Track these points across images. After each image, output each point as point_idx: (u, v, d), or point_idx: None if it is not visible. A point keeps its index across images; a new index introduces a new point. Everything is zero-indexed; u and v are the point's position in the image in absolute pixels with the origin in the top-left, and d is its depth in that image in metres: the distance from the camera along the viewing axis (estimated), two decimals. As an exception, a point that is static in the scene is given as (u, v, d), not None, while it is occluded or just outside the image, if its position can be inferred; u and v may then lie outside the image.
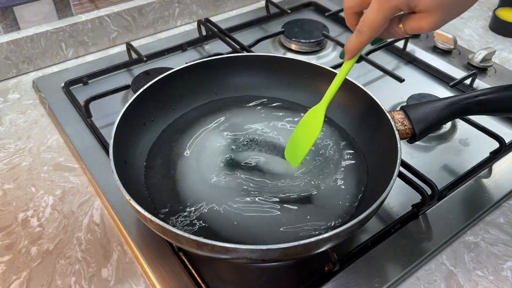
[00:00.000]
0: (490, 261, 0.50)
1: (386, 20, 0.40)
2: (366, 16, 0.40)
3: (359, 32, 0.42)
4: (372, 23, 0.40)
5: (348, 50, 0.44)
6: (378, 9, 0.39)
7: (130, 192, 0.43)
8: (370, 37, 0.42)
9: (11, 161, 0.62)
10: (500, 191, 0.57)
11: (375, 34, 0.41)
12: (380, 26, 0.40)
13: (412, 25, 0.41)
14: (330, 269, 0.46)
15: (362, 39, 0.42)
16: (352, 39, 0.43)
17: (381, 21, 0.40)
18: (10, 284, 0.47)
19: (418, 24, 0.40)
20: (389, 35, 0.43)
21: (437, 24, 0.40)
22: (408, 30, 0.41)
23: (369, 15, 0.40)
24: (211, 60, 0.61)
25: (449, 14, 0.39)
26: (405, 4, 0.38)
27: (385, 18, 0.40)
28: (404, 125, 0.51)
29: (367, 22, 0.40)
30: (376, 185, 0.50)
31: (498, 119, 0.68)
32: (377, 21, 0.40)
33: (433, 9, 0.38)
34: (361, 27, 0.41)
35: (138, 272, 0.49)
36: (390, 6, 0.38)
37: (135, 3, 0.85)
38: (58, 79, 0.74)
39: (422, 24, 0.40)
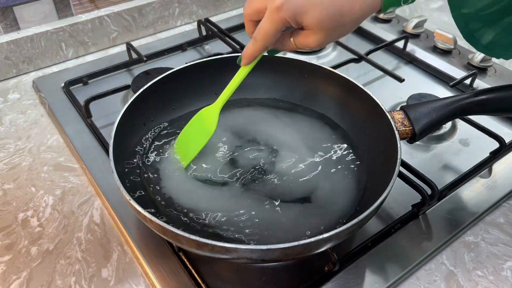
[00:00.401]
0: (490, 261, 0.50)
1: (277, 30, 0.42)
2: (260, 25, 0.43)
3: (254, 40, 0.44)
4: (265, 32, 0.42)
5: (245, 56, 0.46)
6: (270, 20, 0.41)
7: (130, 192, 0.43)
8: (264, 45, 0.44)
9: (11, 161, 0.62)
10: (500, 191, 0.57)
11: (268, 43, 0.43)
12: (272, 36, 0.42)
13: (300, 40, 0.43)
14: (330, 269, 0.46)
15: (256, 47, 0.44)
16: (248, 46, 0.45)
17: (272, 31, 0.42)
18: (10, 284, 0.47)
19: (305, 40, 0.43)
20: (282, 47, 0.45)
21: (321, 42, 0.42)
22: (297, 44, 0.44)
23: (263, 25, 0.42)
24: (211, 60, 0.61)
25: (331, 34, 0.42)
26: (293, 18, 0.40)
27: (276, 29, 0.42)
28: (404, 125, 0.51)
29: (261, 31, 0.43)
30: (376, 185, 0.50)
31: (498, 119, 0.68)
32: (269, 31, 0.42)
33: (316, 28, 0.41)
34: (256, 35, 0.43)
35: (138, 272, 0.49)
36: (280, 18, 0.40)
37: (135, 3, 0.85)
38: (58, 79, 0.74)
39: (308, 40, 0.42)
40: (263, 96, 0.64)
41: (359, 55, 0.76)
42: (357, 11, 0.41)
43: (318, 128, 0.59)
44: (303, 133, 0.58)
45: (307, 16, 0.40)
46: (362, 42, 0.87)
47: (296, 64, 0.62)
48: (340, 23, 0.41)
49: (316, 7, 0.40)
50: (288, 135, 0.58)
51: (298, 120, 0.60)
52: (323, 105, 0.62)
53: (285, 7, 0.40)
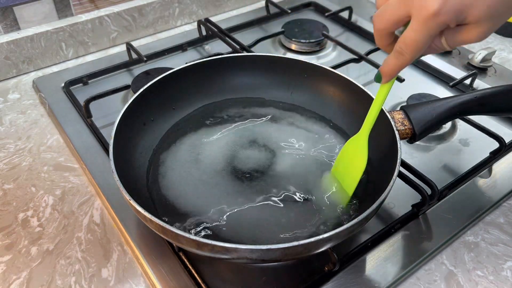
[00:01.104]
0: (490, 261, 0.50)
1: (431, 38, 0.36)
2: (408, 36, 0.36)
3: (400, 54, 0.38)
4: (415, 43, 0.36)
5: (386, 73, 0.41)
6: (422, 29, 0.35)
7: (130, 192, 0.43)
8: (412, 58, 0.38)
9: (11, 161, 0.62)
10: (500, 191, 0.57)
11: (418, 54, 0.38)
12: (424, 46, 0.37)
13: (458, 38, 0.37)
14: (330, 269, 0.46)
15: (403, 61, 0.38)
16: (390, 61, 0.39)
17: (425, 40, 0.36)
18: (10, 284, 0.47)
19: (465, 36, 0.37)
20: (428, 51, 0.40)
21: (486, 35, 0.37)
22: (452, 44, 0.38)
23: (411, 35, 0.36)
24: (211, 60, 0.61)
25: (498, 22, 0.37)
26: (455, 19, 0.35)
27: (431, 36, 0.36)
28: (404, 125, 0.51)
29: (409, 42, 0.37)
30: (376, 185, 0.50)
31: (498, 119, 0.68)
32: (421, 41, 0.36)
33: (483, 20, 0.35)
34: (402, 49, 0.37)
35: (138, 272, 0.49)
36: (437, 23, 0.35)
37: (135, 3, 0.85)
38: (58, 79, 0.74)
39: (470, 36, 0.37)
40: (262, 95, 0.64)
41: (359, 55, 0.76)
42: None
43: (318, 128, 0.59)
44: (303, 133, 0.58)
45: (474, 10, 0.34)
46: (362, 42, 0.87)
47: (296, 64, 0.62)
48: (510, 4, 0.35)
49: None
50: (288, 135, 0.58)
51: (298, 120, 0.60)
52: (323, 106, 0.62)
53: (445, 9, 0.34)
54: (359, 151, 0.48)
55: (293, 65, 0.62)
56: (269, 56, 0.62)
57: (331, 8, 0.94)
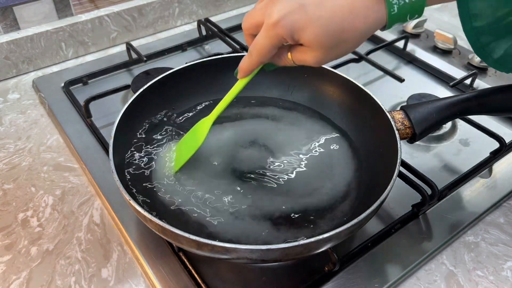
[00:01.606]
0: (490, 261, 0.50)
1: (273, 46, 0.40)
2: (256, 40, 0.41)
3: (250, 54, 0.42)
4: (260, 47, 0.41)
5: (241, 70, 0.45)
6: (265, 35, 0.39)
7: (130, 192, 0.43)
8: (259, 60, 0.42)
9: (11, 161, 0.62)
10: (500, 191, 0.57)
11: (264, 58, 0.42)
12: (268, 52, 0.41)
13: (297, 57, 0.41)
14: (330, 269, 0.46)
15: (252, 62, 0.43)
16: (244, 59, 0.44)
17: (268, 47, 0.40)
18: (10, 284, 0.47)
19: (303, 57, 0.41)
20: (279, 62, 0.43)
21: (319, 60, 0.40)
22: (295, 61, 0.42)
23: (258, 39, 0.40)
24: (211, 60, 0.61)
25: (331, 52, 0.39)
26: (289, 35, 0.38)
27: (272, 45, 0.40)
28: (404, 125, 0.51)
29: (256, 45, 0.41)
30: (376, 185, 0.50)
31: (498, 119, 0.68)
32: (265, 46, 0.40)
33: (314, 46, 0.39)
34: (251, 50, 0.42)
35: (138, 272, 0.49)
36: (276, 34, 0.39)
37: (135, 3, 0.85)
38: (58, 79, 0.74)
39: (306, 57, 0.40)
40: (262, 95, 0.64)
41: (359, 55, 0.76)
42: (360, 28, 0.38)
43: (318, 128, 0.59)
44: (303, 133, 0.58)
45: (305, 33, 0.38)
46: (362, 42, 0.87)
47: (296, 64, 0.62)
48: (340, 40, 0.38)
49: (314, 23, 0.37)
50: (288, 135, 0.58)
51: (298, 120, 0.60)
52: (323, 105, 0.62)
53: (282, 23, 0.38)
54: (200, 132, 0.51)
55: (293, 65, 0.62)
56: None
57: (331, 8, 0.93)
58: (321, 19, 0.37)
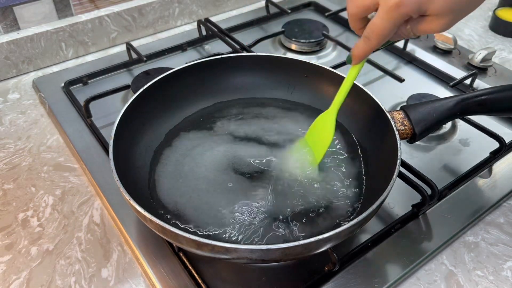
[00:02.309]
0: (490, 261, 0.50)
1: (395, 26, 0.39)
2: (374, 23, 0.39)
3: (367, 39, 0.41)
4: (380, 30, 0.39)
5: (356, 56, 0.43)
6: (387, 17, 0.38)
7: (130, 192, 0.43)
8: (379, 43, 0.41)
9: (11, 161, 0.62)
10: (500, 191, 0.57)
11: (384, 40, 0.41)
12: (389, 33, 0.40)
13: (421, 28, 0.40)
14: (330, 269, 0.46)
15: (370, 46, 0.41)
16: (359, 45, 0.42)
17: (390, 28, 0.39)
18: (10, 284, 0.47)
19: (428, 27, 0.40)
20: (396, 37, 0.42)
21: (447, 26, 0.39)
22: (417, 32, 0.41)
23: (378, 22, 0.39)
24: (211, 60, 0.61)
25: (459, 15, 0.39)
26: (416, 10, 0.38)
27: (395, 25, 0.39)
28: (404, 125, 0.51)
29: (375, 29, 0.39)
30: (376, 185, 0.50)
31: (498, 119, 0.68)
32: (386, 28, 0.39)
33: (444, 12, 0.38)
34: (369, 34, 0.40)
35: (138, 272, 0.49)
36: (400, 13, 0.38)
37: (135, 3, 0.85)
38: (58, 79, 0.74)
39: (432, 26, 0.40)
40: (262, 96, 0.64)
41: (359, 55, 0.76)
42: None
43: (318, 128, 0.59)
44: (302, 133, 0.58)
45: (434, 3, 0.37)
46: (362, 42, 0.87)
47: (296, 64, 0.62)
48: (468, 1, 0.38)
49: None
50: (288, 135, 0.58)
51: (298, 120, 0.60)
52: (323, 105, 0.61)
53: (407, 1, 0.37)
54: (328, 126, 0.51)
55: (293, 65, 0.62)
56: (269, 56, 0.62)
57: (331, 8, 0.94)
58: None
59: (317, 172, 0.52)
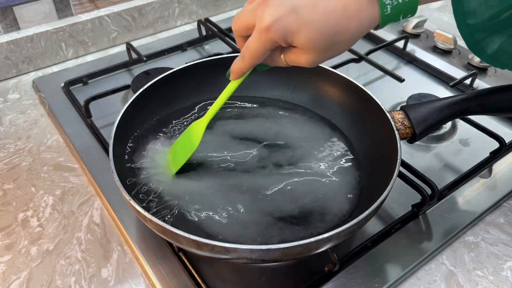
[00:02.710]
0: (490, 261, 0.50)
1: (266, 50, 0.40)
2: (248, 43, 0.40)
3: (242, 57, 0.42)
4: (252, 51, 0.40)
5: (233, 72, 0.44)
6: (258, 39, 0.39)
7: (130, 192, 0.43)
8: (252, 63, 0.42)
9: (11, 161, 0.62)
10: (500, 191, 0.57)
11: (256, 61, 0.42)
12: (260, 55, 0.41)
13: (291, 58, 0.41)
14: (330, 269, 0.46)
15: (245, 64, 0.42)
16: (236, 62, 0.43)
17: (261, 50, 0.40)
18: (10, 284, 0.47)
19: (296, 58, 0.41)
20: (272, 63, 0.43)
21: (313, 62, 0.40)
22: (288, 62, 0.42)
23: (250, 43, 0.40)
24: (211, 60, 0.61)
25: (324, 54, 0.40)
26: (283, 39, 0.38)
27: (265, 48, 0.40)
28: (404, 125, 0.51)
29: (248, 49, 0.41)
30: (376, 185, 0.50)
31: (498, 119, 0.68)
32: (257, 49, 0.40)
33: (308, 48, 0.39)
34: (244, 53, 0.42)
35: (138, 272, 0.49)
36: (269, 38, 0.38)
37: (135, 3, 0.85)
38: (58, 79, 0.74)
39: (299, 59, 0.40)
40: (262, 95, 0.64)
41: (359, 55, 0.76)
42: (353, 29, 0.38)
43: (318, 128, 0.59)
44: (302, 133, 0.58)
45: (298, 36, 0.38)
46: (362, 42, 0.87)
47: (296, 64, 0.62)
48: (334, 42, 0.39)
49: (308, 27, 0.37)
50: (288, 135, 0.58)
51: (298, 120, 0.60)
52: (323, 105, 0.62)
53: (275, 27, 0.37)
54: (195, 135, 0.51)
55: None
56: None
57: (331, 8, 0.93)
58: (314, 23, 0.37)
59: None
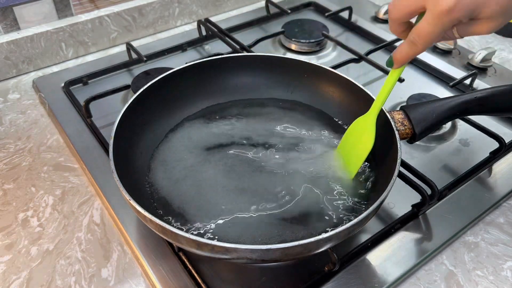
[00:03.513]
0: (490, 261, 0.50)
1: (443, 32, 0.38)
2: (422, 28, 0.38)
3: (413, 44, 0.40)
4: (428, 35, 0.38)
5: (398, 60, 0.42)
6: (436, 22, 0.37)
7: (130, 192, 0.43)
8: (424, 48, 0.40)
9: (11, 161, 0.62)
10: (500, 191, 0.57)
11: (430, 45, 0.40)
12: (437, 38, 0.39)
13: (470, 31, 0.39)
14: (330, 269, 0.46)
15: (415, 50, 0.40)
16: (403, 49, 0.41)
17: (438, 33, 0.38)
18: (10, 284, 0.47)
19: (478, 29, 0.39)
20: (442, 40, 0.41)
21: (496, 28, 0.39)
22: (464, 35, 0.40)
23: (425, 27, 0.38)
24: (211, 60, 0.61)
25: (509, 18, 0.39)
26: (468, 15, 0.37)
27: (443, 30, 0.38)
28: (404, 125, 0.51)
29: (422, 34, 0.38)
30: (376, 185, 0.50)
31: (498, 119, 0.68)
32: (435, 33, 0.38)
33: (496, 15, 0.37)
34: (415, 39, 0.39)
35: (138, 272, 0.49)
36: (450, 19, 0.36)
37: (135, 3, 0.85)
38: (58, 79, 0.74)
39: (482, 29, 0.39)
40: (262, 96, 0.64)
41: (359, 55, 0.76)
42: None
43: (318, 128, 0.59)
44: (302, 133, 0.58)
45: (487, 8, 0.36)
46: (362, 42, 0.87)
47: (296, 64, 0.62)
48: None
49: None
50: (287, 135, 0.58)
51: (298, 120, 0.60)
52: (323, 105, 0.62)
53: (458, 7, 0.35)
54: (367, 131, 0.49)
55: (293, 65, 0.62)
56: (269, 56, 0.62)
57: (331, 8, 0.94)
58: None
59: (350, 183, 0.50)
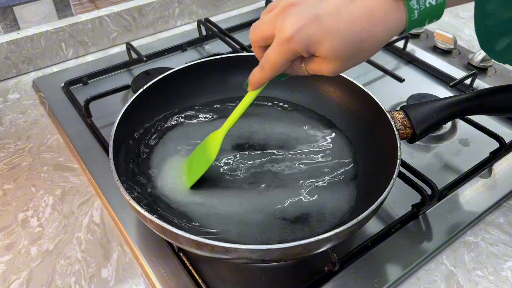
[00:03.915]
0: (490, 261, 0.50)
1: (287, 61, 0.39)
2: (268, 55, 0.39)
3: (262, 68, 0.41)
4: (273, 61, 0.39)
5: (251, 83, 0.43)
6: (278, 50, 0.38)
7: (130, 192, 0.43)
8: (272, 74, 0.41)
9: (11, 161, 0.62)
10: (500, 191, 0.57)
11: (276, 72, 0.41)
12: (281, 66, 0.40)
13: (312, 68, 0.40)
14: (330, 269, 0.46)
15: (264, 75, 0.41)
16: (255, 73, 0.42)
17: (281, 61, 0.39)
18: (10, 284, 0.47)
19: (318, 68, 0.40)
20: (292, 72, 0.42)
21: (336, 71, 0.39)
22: (310, 71, 0.41)
23: (271, 54, 0.39)
24: (211, 60, 0.61)
25: (348, 62, 0.39)
26: (305, 49, 0.37)
27: (286, 59, 0.39)
28: (404, 125, 0.51)
29: (268, 60, 0.40)
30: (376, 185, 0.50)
31: (498, 119, 0.68)
32: (278, 60, 0.39)
33: (331, 58, 0.38)
34: (263, 64, 0.41)
35: (138, 272, 0.49)
36: (290, 49, 0.37)
37: (135, 3, 0.85)
38: (58, 79, 0.74)
39: (321, 68, 0.39)
40: (262, 95, 0.64)
41: (359, 55, 0.76)
42: (379, 36, 0.36)
43: (317, 128, 0.59)
44: (302, 133, 0.58)
45: (322, 46, 0.36)
46: (362, 42, 0.87)
47: (296, 64, 0.62)
48: (359, 50, 0.37)
49: (332, 36, 0.36)
50: (287, 136, 0.58)
51: (298, 120, 0.60)
52: (323, 106, 0.62)
53: (296, 38, 0.36)
54: (214, 145, 0.50)
55: (293, 65, 0.62)
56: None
57: (331, 8, 0.93)
58: (339, 31, 0.36)
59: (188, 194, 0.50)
